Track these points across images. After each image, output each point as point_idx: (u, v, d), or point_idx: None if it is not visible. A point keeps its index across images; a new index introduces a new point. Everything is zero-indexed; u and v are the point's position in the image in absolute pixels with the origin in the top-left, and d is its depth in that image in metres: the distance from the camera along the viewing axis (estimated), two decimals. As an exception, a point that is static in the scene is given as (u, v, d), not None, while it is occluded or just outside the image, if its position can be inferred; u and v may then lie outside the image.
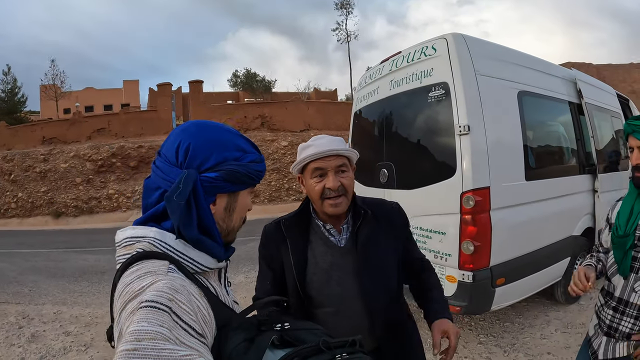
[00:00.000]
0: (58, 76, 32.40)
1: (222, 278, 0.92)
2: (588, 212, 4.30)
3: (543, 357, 3.29)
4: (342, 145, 1.38)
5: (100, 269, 7.56)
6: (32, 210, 16.61)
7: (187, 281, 0.73)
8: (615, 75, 27.69)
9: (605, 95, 5.32)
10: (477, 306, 3.14)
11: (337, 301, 1.39)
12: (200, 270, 0.80)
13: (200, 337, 0.67)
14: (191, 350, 0.60)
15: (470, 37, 3.32)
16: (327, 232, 1.44)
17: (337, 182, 1.34)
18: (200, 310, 0.71)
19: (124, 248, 0.78)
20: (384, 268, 1.43)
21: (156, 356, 0.54)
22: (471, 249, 3.03)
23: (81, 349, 3.94)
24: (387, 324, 1.41)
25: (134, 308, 0.61)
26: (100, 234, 12.21)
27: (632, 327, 1.57)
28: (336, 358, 0.74)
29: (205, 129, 0.85)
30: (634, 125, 1.57)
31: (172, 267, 0.73)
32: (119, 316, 0.64)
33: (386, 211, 1.51)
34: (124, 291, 0.67)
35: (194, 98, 23.30)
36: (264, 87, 35.62)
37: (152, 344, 0.55)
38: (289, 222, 1.47)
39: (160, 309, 0.61)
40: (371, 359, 0.81)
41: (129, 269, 0.72)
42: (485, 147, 3.11)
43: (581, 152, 4.34)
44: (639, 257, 1.52)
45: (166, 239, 0.77)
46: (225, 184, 0.83)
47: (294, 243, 1.43)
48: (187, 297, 0.68)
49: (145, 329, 0.57)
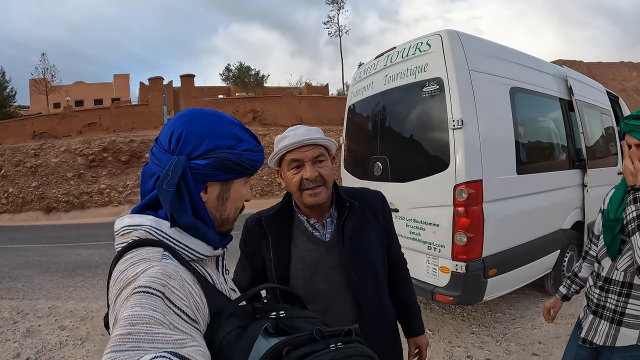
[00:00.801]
0: (48, 70, 31.94)
1: (219, 266, 0.92)
2: (577, 206, 4.39)
3: (534, 347, 3.38)
4: (319, 134, 1.36)
5: (94, 263, 7.54)
6: (23, 205, 16.44)
7: (180, 267, 0.73)
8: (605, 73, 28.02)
9: (596, 92, 5.41)
10: (469, 296, 3.22)
11: (325, 297, 1.38)
12: (196, 257, 0.80)
13: (194, 323, 0.67)
14: (184, 334, 0.60)
15: (464, 34, 3.38)
16: (311, 227, 1.42)
17: (314, 172, 1.31)
18: (192, 297, 0.71)
19: (122, 237, 0.78)
20: (371, 260, 1.42)
21: (150, 340, 0.55)
22: (464, 240, 3.10)
23: (77, 343, 3.94)
24: (376, 316, 1.42)
25: (128, 294, 0.62)
26: (92, 229, 12.17)
27: (616, 303, 1.67)
28: (330, 347, 0.73)
29: (200, 117, 0.85)
30: (632, 124, 1.64)
31: (167, 254, 0.73)
32: (114, 303, 0.65)
33: (370, 201, 1.50)
34: (119, 278, 0.68)
35: (186, 92, 23.14)
36: (256, 81, 35.46)
37: (145, 328, 0.56)
38: (271, 219, 1.43)
39: (154, 294, 0.62)
40: (369, 350, 0.79)
41: (124, 256, 0.73)
42: (478, 141, 3.17)
43: (571, 147, 4.43)
44: (627, 241, 1.60)
45: (162, 227, 0.78)
46: (215, 171, 0.82)
47: (275, 240, 1.41)
48: (180, 283, 0.68)
49: (139, 314, 0.57)
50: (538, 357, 3.22)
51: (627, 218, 1.55)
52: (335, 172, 1.46)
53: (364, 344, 0.80)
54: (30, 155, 17.49)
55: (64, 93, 33.83)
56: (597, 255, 1.82)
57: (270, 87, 35.85)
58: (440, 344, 3.52)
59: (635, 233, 1.49)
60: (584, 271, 2.01)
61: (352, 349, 0.76)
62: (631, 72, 29.61)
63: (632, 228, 1.51)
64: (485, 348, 3.40)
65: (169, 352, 0.53)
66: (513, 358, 3.22)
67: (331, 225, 1.42)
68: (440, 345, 3.48)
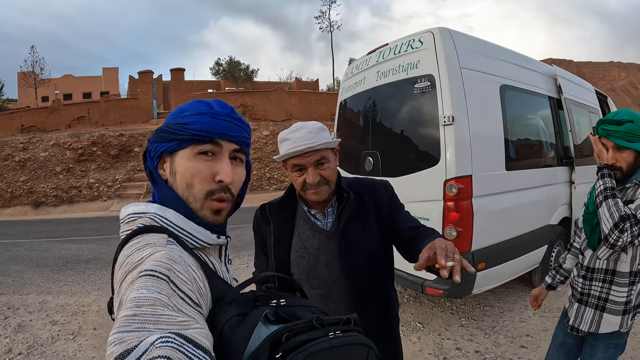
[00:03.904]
0: (38, 63, 31.41)
1: (222, 256, 0.93)
2: (565, 202, 4.48)
3: (522, 339, 3.46)
4: (321, 135, 1.33)
5: (84, 258, 7.49)
6: (11, 200, 16.19)
7: (184, 253, 0.74)
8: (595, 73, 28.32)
9: (584, 91, 5.49)
10: (459, 289, 3.28)
11: (327, 284, 1.42)
12: (199, 245, 0.81)
13: (197, 307, 0.68)
14: (188, 317, 0.61)
15: (456, 32, 3.43)
16: (313, 217, 1.45)
17: (316, 177, 1.33)
18: (196, 282, 0.71)
19: (127, 224, 0.80)
20: (368, 248, 1.43)
21: (155, 321, 0.55)
22: (454, 234, 3.15)
23: (69, 338, 3.94)
24: (373, 303, 1.44)
25: (134, 278, 0.63)
26: (82, 223, 12.04)
27: (600, 290, 1.76)
28: (329, 335, 0.74)
29: (184, 105, 0.86)
30: (609, 130, 1.71)
31: (171, 240, 0.75)
32: (120, 287, 0.66)
33: (374, 191, 1.51)
34: (124, 262, 0.69)
35: (175, 86, 22.89)
36: (246, 75, 35.27)
37: (151, 309, 0.57)
38: (274, 206, 1.48)
39: (159, 277, 0.63)
40: (367, 339, 0.80)
41: (129, 242, 0.74)
42: (468, 137, 3.23)
43: (559, 145, 4.51)
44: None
45: (166, 215, 0.79)
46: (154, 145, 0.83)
47: (276, 226, 1.45)
48: (184, 267, 0.69)
49: (144, 296, 0.58)
50: (526, 349, 3.30)
51: (595, 193, 1.67)
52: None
53: (362, 333, 0.81)
54: (18, 149, 17.24)
55: (52, 86, 33.31)
56: (580, 247, 1.91)
57: (260, 82, 35.69)
58: (430, 336, 3.58)
59: (602, 205, 1.62)
60: (569, 262, 2.08)
61: (351, 338, 0.76)
62: (620, 72, 29.96)
63: (600, 201, 1.64)
64: (474, 340, 3.47)
65: (173, 333, 0.54)
66: (501, 350, 3.29)
67: (332, 214, 1.45)
68: (430, 338, 3.55)
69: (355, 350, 0.77)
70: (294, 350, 0.69)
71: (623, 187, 1.73)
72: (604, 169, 1.69)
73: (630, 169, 1.70)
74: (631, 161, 1.69)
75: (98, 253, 7.80)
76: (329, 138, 1.36)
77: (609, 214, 1.58)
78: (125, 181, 16.62)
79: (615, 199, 1.60)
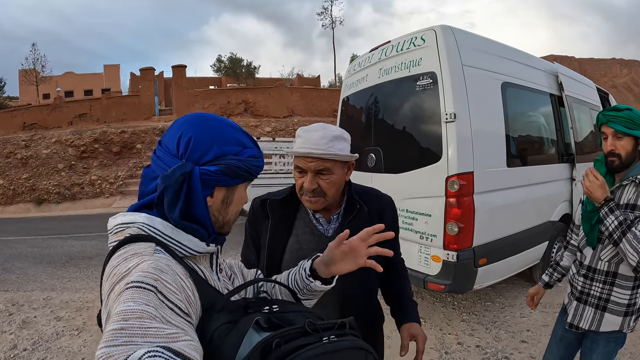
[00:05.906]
0: (39, 60, 31.42)
1: (213, 264, 0.92)
2: (566, 199, 4.50)
3: (523, 334, 3.49)
4: (332, 144, 1.26)
5: (87, 254, 7.53)
6: (14, 197, 16.23)
7: (173, 261, 0.73)
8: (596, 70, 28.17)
9: (586, 88, 5.50)
10: (460, 285, 3.31)
11: None
12: (188, 254, 0.80)
13: (186, 317, 0.67)
14: (177, 329, 0.61)
15: (458, 30, 3.45)
16: (315, 221, 1.41)
17: (312, 185, 1.29)
18: (185, 290, 0.71)
19: (115, 235, 0.79)
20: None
21: (143, 334, 0.55)
22: (455, 230, 3.18)
23: (74, 334, 3.96)
24: (361, 313, 1.39)
25: (121, 289, 0.62)
26: (84, 220, 12.09)
27: (601, 291, 1.76)
28: (323, 340, 0.72)
29: (207, 123, 0.85)
30: (609, 115, 1.72)
31: (159, 249, 0.74)
32: (107, 298, 0.65)
33: (379, 207, 1.47)
34: (112, 273, 0.68)
35: (177, 83, 22.80)
36: (248, 72, 35.24)
37: (138, 322, 0.56)
38: (276, 203, 1.43)
39: (146, 288, 0.62)
40: (364, 343, 0.78)
41: (116, 252, 0.73)
42: (469, 134, 3.25)
43: (560, 142, 4.53)
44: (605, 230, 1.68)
45: (155, 224, 0.78)
46: (224, 177, 0.83)
47: (275, 223, 1.41)
48: (172, 276, 0.69)
49: (131, 309, 0.58)
50: (527, 344, 3.33)
51: (610, 229, 1.63)
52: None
53: (359, 337, 0.80)
54: (20, 147, 17.27)
55: (53, 84, 33.32)
56: (579, 244, 1.91)
57: (262, 78, 35.61)
58: (431, 331, 3.61)
59: (622, 240, 1.58)
60: (566, 260, 2.09)
61: (347, 342, 0.76)
62: (622, 69, 29.78)
63: (618, 236, 1.60)
64: (475, 335, 3.51)
65: (161, 347, 0.54)
66: (502, 345, 3.33)
67: (336, 221, 1.41)
68: (431, 333, 3.58)
69: (352, 354, 0.76)
70: (285, 357, 0.68)
71: (620, 184, 1.73)
72: (610, 201, 1.65)
73: (628, 157, 1.71)
74: (630, 149, 1.70)
75: (101, 249, 7.82)
76: (342, 150, 1.29)
77: (633, 249, 1.55)
78: (128, 178, 16.66)
79: (632, 230, 1.57)
